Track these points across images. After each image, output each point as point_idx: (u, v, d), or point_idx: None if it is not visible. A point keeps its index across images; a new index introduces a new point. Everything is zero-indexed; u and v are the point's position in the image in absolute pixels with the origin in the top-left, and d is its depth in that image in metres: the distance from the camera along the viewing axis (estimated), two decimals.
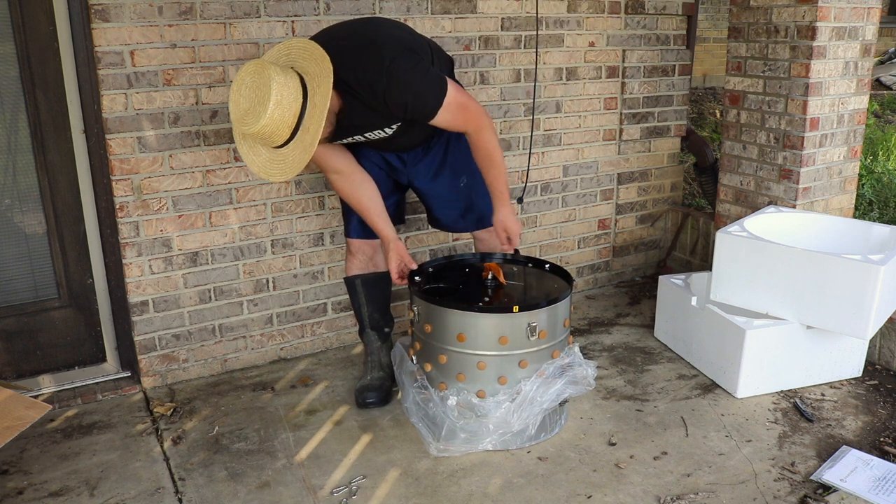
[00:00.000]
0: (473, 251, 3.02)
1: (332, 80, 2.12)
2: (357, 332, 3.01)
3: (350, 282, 2.78)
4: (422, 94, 2.24)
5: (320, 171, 2.75)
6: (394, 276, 2.62)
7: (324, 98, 2.11)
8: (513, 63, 3.34)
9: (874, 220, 4.04)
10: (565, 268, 2.66)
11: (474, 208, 2.78)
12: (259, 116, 2.08)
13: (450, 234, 3.36)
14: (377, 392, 2.71)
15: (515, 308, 2.35)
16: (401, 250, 2.60)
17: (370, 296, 2.79)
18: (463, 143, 2.59)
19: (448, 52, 2.73)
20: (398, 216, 2.80)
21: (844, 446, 2.47)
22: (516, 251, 2.73)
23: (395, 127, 2.38)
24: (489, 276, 2.61)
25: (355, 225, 2.71)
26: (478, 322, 2.38)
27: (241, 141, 2.27)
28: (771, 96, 3.22)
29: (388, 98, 2.21)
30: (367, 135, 2.40)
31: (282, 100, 2.08)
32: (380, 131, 2.40)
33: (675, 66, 3.79)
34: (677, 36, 3.76)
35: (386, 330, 2.86)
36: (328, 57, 2.14)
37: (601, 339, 3.32)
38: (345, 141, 2.45)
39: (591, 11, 3.49)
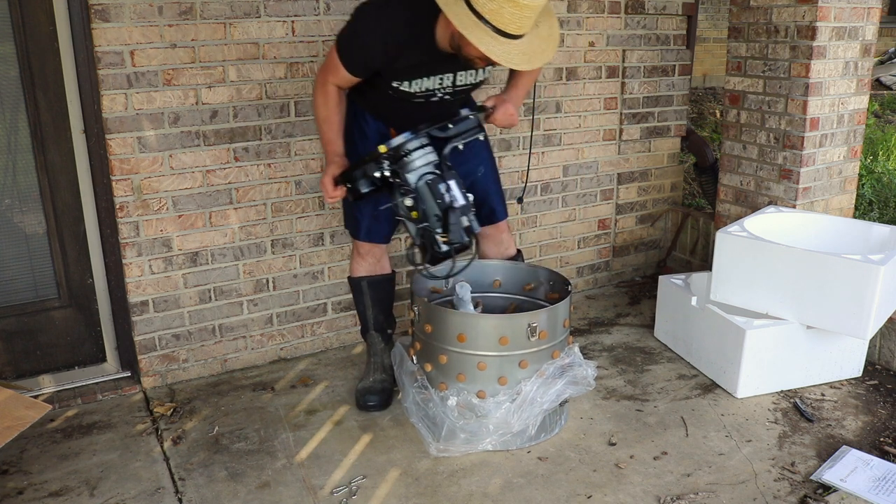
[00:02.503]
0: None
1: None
2: (359, 332, 3.01)
3: (356, 283, 2.77)
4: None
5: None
6: (329, 189, 2.45)
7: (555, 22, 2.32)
8: None
9: (874, 220, 4.04)
10: (565, 268, 2.65)
11: (487, 201, 2.76)
12: None
13: None
14: (379, 395, 2.72)
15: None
16: (343, 165, 2.46)
17: (376, 298, 2.78)
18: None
19: None
20: (393, 229, 2.73)
21: (844, 446, 2.47)
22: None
23: (479, 78, 2.46)
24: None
25: (366, 228, 2.67)
26: (478, 322, 2.39)
27: (471, 27, 2.16)
28: (771, 96, 3.22)
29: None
30: (455, 80, 2.43)
31: None
32: (466, 76, 2.43)
33: (675, 66, 3.79)
34: (677, 36, 3.76)
35: (389, 332, 2.86)
36: None
37: (601, 339, 3.32)
38: (424, 86, 2.41)
39: (591, 11, 3.49)
